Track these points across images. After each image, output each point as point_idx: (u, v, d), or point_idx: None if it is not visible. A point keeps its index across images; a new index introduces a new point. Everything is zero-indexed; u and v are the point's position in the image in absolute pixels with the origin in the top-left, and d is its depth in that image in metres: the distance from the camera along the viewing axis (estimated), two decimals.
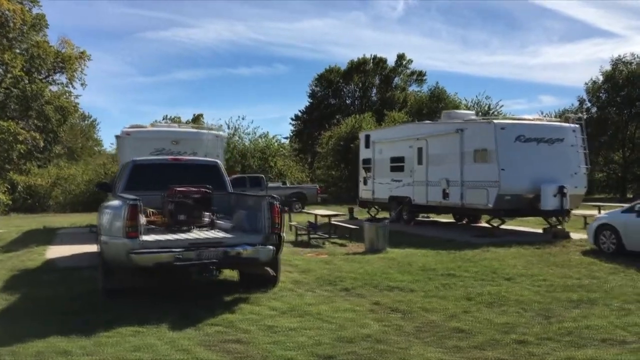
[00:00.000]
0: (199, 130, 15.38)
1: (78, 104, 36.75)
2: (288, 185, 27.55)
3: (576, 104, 42.62)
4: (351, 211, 19.96)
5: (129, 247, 6.35)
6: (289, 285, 7.96)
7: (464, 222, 17.82)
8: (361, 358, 4.91)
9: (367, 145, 19.69)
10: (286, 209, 18.18)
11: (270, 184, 26.12)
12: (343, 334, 5.56)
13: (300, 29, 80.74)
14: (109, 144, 59.51)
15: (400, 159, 17.50)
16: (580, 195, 14.28)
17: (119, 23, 78.91)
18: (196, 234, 7.29)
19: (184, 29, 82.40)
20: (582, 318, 6.09)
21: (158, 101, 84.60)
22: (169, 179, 8.32)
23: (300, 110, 55.67)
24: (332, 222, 13.73)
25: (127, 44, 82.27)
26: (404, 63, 55.31)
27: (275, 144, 37.26)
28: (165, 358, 4.94)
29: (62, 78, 34.86)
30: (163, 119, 49.90)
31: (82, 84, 34.59)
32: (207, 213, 7.97)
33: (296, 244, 13.09)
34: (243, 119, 37.61)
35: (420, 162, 16.49)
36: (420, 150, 16.50)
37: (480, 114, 46.57)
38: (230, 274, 8.50)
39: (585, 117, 42.03)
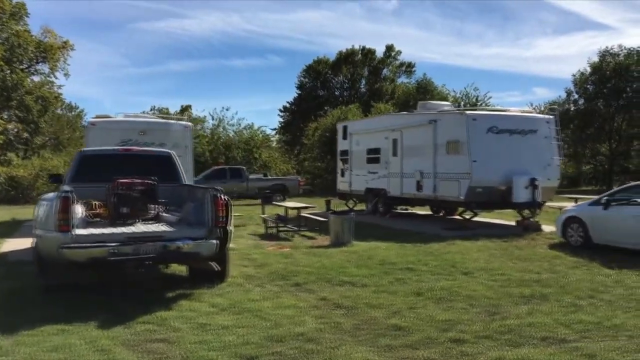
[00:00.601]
0: (167, 121, 15.05)
1: (61, 94, 36.32)
2: (269, 177, 27.21)
3: (564, 96, 42.38)
4: (328, 203, 19.67)
5: (60, 241, 6.09)
6: (239, 280, 7.72)
7: (441, 214, 17.64)
8: (285, 359, 4.69)
9: (344, 137, 19.44)
10: (264, 201, 17.92)
11: (251, 176, 25.83)
12: (275, 332, 5.34)
13: (295, 21, 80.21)
14: None
15: (377, 151, 17.28)
16: (553, 187, 14.12)
17: (113, 14, 78.05)
18: (137, 228, 7.03)
19: (178, 20, 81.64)
20: (528, 315, 5.90)
21: (151, 92, 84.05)
22: (119, 170, 8.05)
23: (288, 102, 55.29)
24: (302, 214, 13.49)
25: (121, 35, 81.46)
26: (392, 54, 54.94)
27: (260, 135, 36.91)
28: (79, 359, 4.70)
29: (45, 68, 34.40)
30: (151, 110, 49.46)
31: (65, 74, 34.09)
32: (153, 206, 7.70)
33: (265, 237, 12.87)
34: (227, 109, 36.65)
35: (395, 153, 16.27)
36: (395, 141, 16.28)
37: (468, 105, 46.50)
38: (179, 268, 8.27)
39: (572, 109, 42.44)
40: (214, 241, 6.74)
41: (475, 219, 15.58)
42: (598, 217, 10.24)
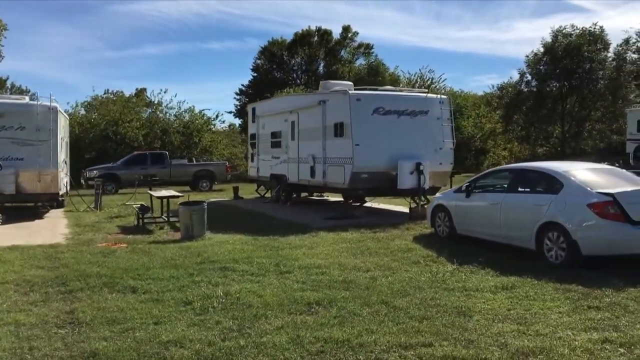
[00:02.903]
0: (29, 102, 13.72)
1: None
2: (194, 162, 25.97)
3: (517, 77, 41.60)
4: (236, 191, 18.66)
5: None
6: (7, 285, 6.67)
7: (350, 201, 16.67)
8: None
9: (253, 120, 18.34)
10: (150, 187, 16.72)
11: (174, 162, 24.54)
12: None
13: (273, 3, 78.22)
14: None
15: (278, 134, 16.23)
16: (446, 172, 13.24)
17: None
18: None
19: (153, 2, 78.89)
20: (275, 330, 4.94)
21: (128, 76, 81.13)
22: None
23: (243, 85, 53.81)
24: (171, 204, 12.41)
25: (96, 18, 78.42)
26: (349, 35, 53.65)
27: (202, 118, 35.48)
28: None
29: None
30: (104, 93, 47.52)
31: None
32: None
33: (128, 230, 11.74)
34: (165, 92, 34.98)
35: (293, 137, 15.23)
36: (293, 124, 15.23)
37: (422, 87, 45.65)
38: None
39: (525, 90, 41.80)
40: None
41: (373, 205, 14.77)
42: (460, 205, 9.37)
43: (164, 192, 13.25)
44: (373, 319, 5.27)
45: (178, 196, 12.47)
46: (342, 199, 17.08)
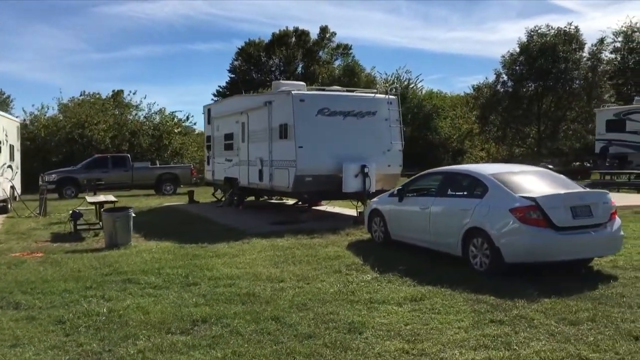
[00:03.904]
0: None
1: None
2: (158, 165, 25.37)
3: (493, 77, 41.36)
4: (191, 195, 18.13)
5: None
6: None
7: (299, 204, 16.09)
8: None
9: (209, 121, 17.83)
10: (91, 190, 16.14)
11: (137, 164, 23.91)
12: None
13: (260, 4, 77.64)
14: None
15: (231, 136, 15.74)
16: (395, 175, 12.80)
17: None
18: None
19: (139, 4, 77.83)
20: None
21: (114, 78, 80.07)
22: None
23: (220, 86, 53.21)
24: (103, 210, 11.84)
25: (82, 19, 77.29)
26: (327, 36, 53.29)
27: (173, 120, 34.86)
28: None
29: None
30: (80, 95, 46.64)
31: None
32: None
33: (66, 237, 11.10)
34: (134, 93, 34.36)
35: (243, 139, 14.75)
36: (243, 125, 14.75)
37: (400, 88, 45.31)
38: None
39: (502, 90, 41.64)
40: None
41: (327, 209, 14.36)
42: (394, 210, 8.96)
43: (102, 197, 12.70)
44: (252, 339, 4.83)
45: (113, 201, 11.92)
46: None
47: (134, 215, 9.87)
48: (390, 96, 12.82)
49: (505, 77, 40.94)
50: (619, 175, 22.38)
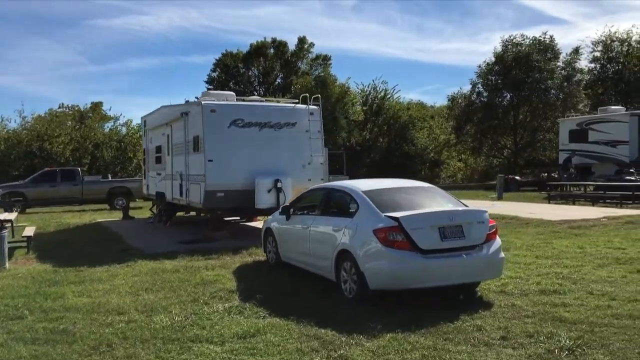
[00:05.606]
0: None
1: None
2: (110, 179, 24.60)
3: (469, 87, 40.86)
4: (125, 211, 17.38)
5: None
6: None
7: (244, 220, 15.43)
8: None
9: (145, 133, 17.13)
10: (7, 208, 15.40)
11: (87, 178, 23.13)
12: None
13: (254, 17, 77.33)
14: None
15: (160, 149, 15.03)
16: None
17: (68, 11, 73.40)
18: None
19: (135, 17, 77.36)
20: None
21: (109, 90, 78.89)
22: None
23: (197, 97, 52.47)
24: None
25: (77, 32, 76.68)
26: (305, 47, 52.79)
27: (139, 132, 34.14)
28: None
29: None
30: (59, 107, 45.96)
31: None
32: None
33: None
34: (101, 104, 33.73)
35: (168, 152, 14.05)
36: (168, 138, 14.05)
37: (376, 99, 44.80)
38: None
39: (477, 101, 41.14)
40: None
41: (255, 224, 13.64)
42: (282, 229, 8.26)
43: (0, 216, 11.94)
44: None
45: (8, 220, 11.16)
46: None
47: (6, 236, 9.10)
48: (312, 106, 12.14)
49: (481, 87, 40.49)
50: (579, 187, 21.76)
